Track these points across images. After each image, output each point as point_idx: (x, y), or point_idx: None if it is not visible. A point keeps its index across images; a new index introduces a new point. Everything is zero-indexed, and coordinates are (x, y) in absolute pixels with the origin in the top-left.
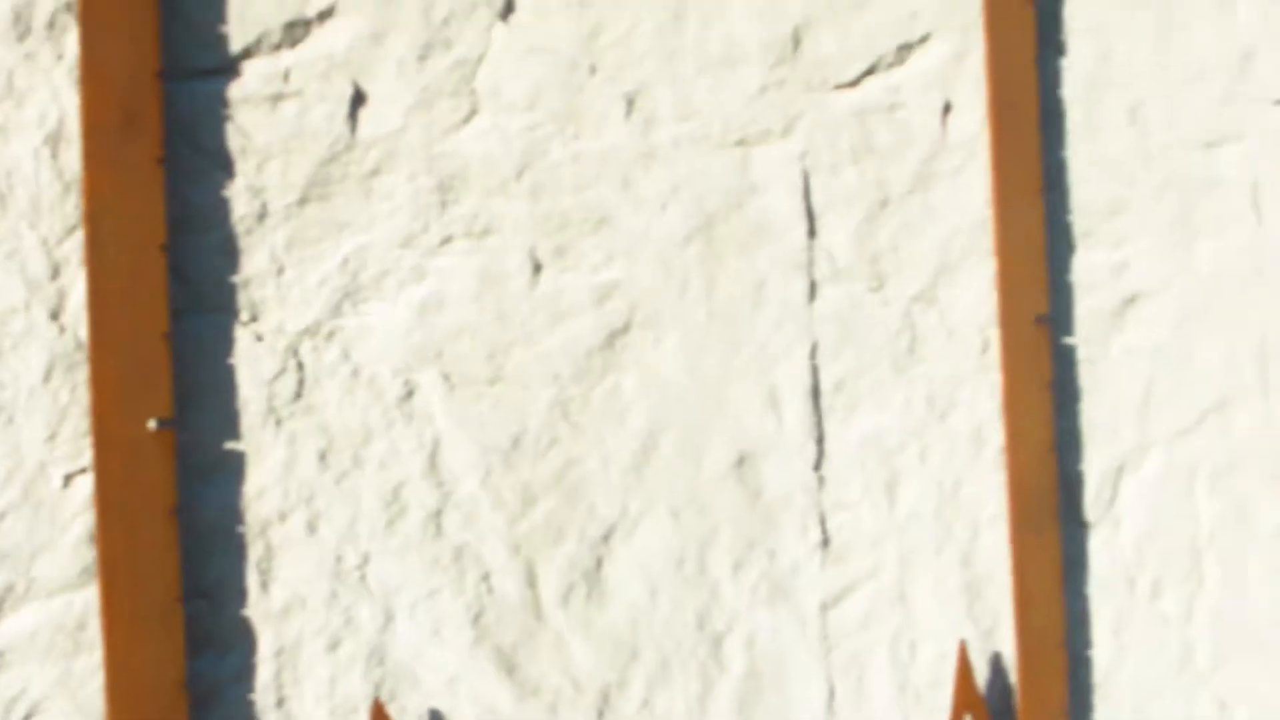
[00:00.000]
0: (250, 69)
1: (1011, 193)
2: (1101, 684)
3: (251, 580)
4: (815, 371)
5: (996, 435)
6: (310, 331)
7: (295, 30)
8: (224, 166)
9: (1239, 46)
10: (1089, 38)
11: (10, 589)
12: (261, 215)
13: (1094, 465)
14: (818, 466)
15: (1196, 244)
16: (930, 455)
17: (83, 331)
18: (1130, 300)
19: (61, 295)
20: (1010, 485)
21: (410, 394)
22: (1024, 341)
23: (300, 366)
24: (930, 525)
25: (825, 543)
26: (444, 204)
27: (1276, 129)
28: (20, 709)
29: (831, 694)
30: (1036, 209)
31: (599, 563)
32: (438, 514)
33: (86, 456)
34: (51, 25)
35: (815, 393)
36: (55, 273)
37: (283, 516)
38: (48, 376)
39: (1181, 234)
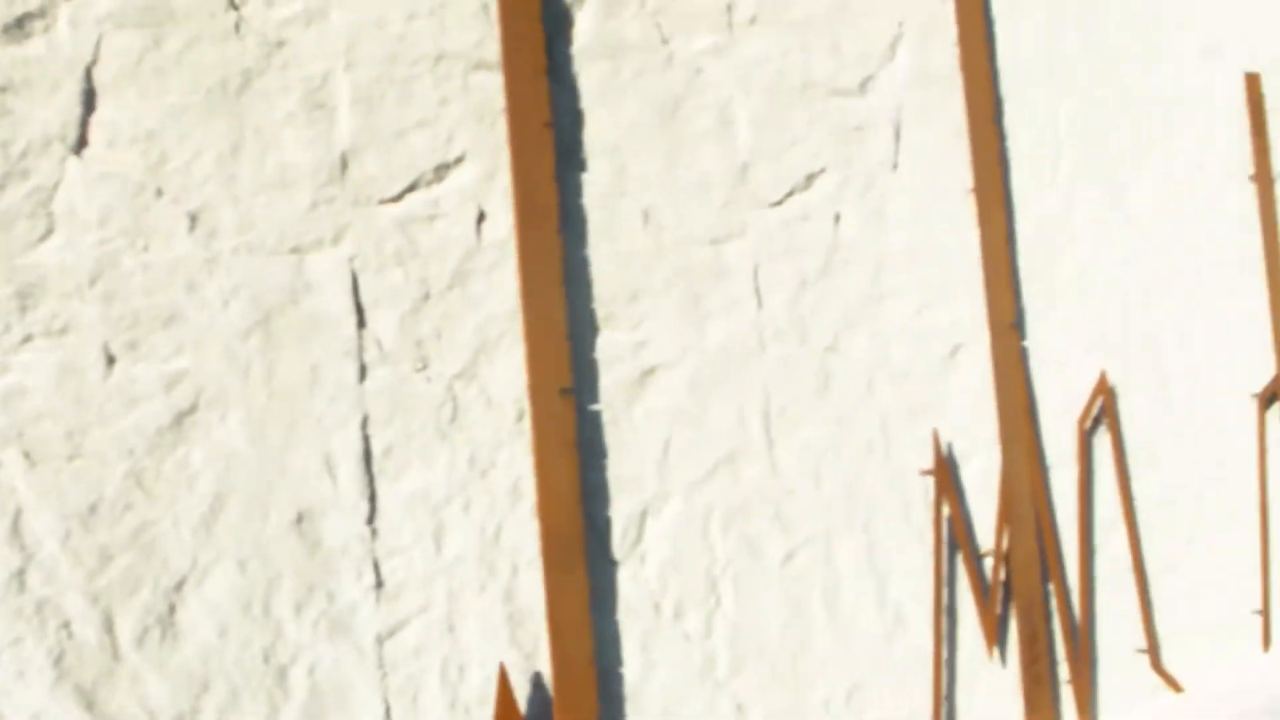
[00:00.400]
0: None
1: (536, 286)
2: (632, 694)
3: None
4: (367, 440)
5: (532, 489)
6: None
7: None
8: None
9: (739, 161)
10: (606, 157)
11: None
12: None
13: (621, 511)
14: (371, 520)
15: (707, 324)
16: (473, 507)
17: None
18: (649, 372)
19: None
20: (542, 531)
21: None
22: (551, 410)
23: None
24: (475, 567)
25: (379, 584)
26: (24, 309)
27: (773, 227)
28: None
29: (388, 712)
30: (559, 299)
31: (172, 608)
32: (21, 572)
33: None
34: None
35: (367, 458)
36: None
37: None
38: None
39: (693, 316)
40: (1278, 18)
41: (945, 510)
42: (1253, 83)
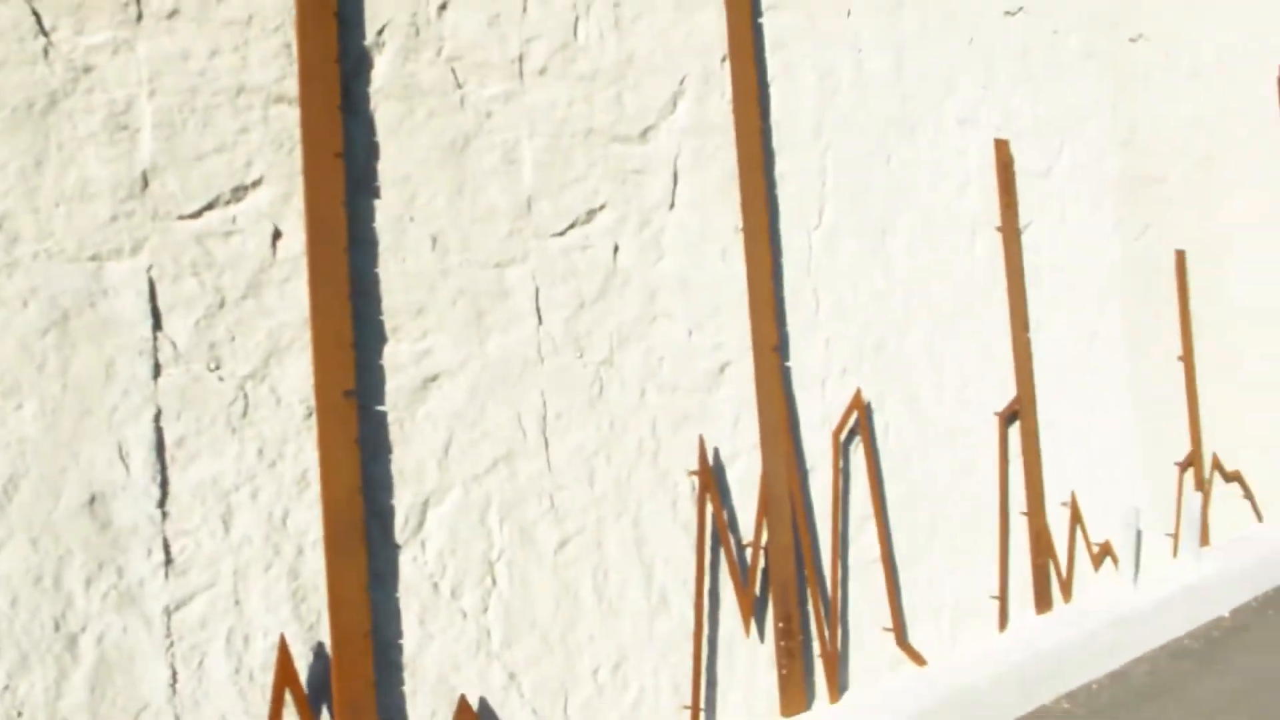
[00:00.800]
0: None
1: (324, 298)
2: (410, 663)
3: None
4: (159, 431)
5: (318, 479)
6: None
7: None
8: None
9: (523, 196)
10: (398, 186)
11: None
12: None
13: (403, 501)
14: (162, 504)
15: (488, 338)
16: (261, 494)
17: None
18: (432, 378)
19: None
20: (325, 516)
21: None
22: (335, 410)
23: None
24: (262, 547)
25: (169, 561)
26: None
27: (554, 254)
28: None
29: (174, 677)
30: (345, 311)
31: None
32: None
33: None
34: None
35: (160, 448)
36: None
37: None
38: None
39: (475, 330)
40: (1025, 92)
41: (710, 507)
42: (1001, 147)
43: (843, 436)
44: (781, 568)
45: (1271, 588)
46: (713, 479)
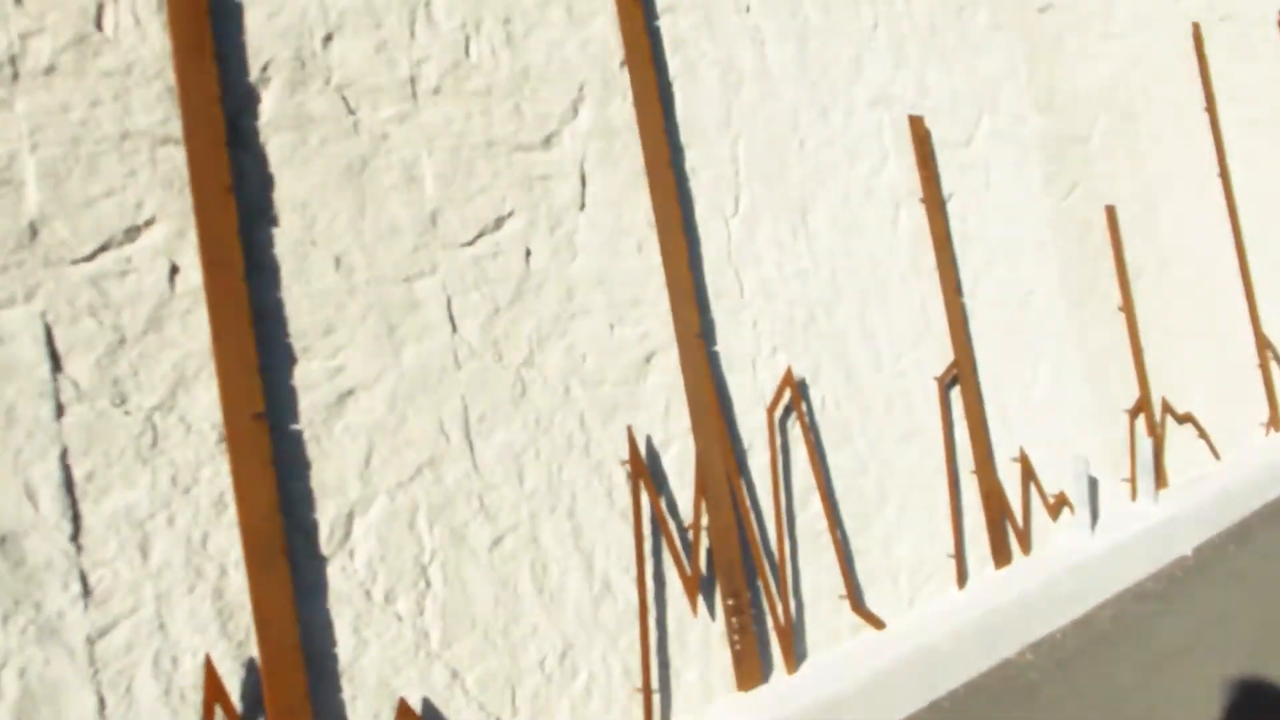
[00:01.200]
0: None
1: (225, 326)
2: (347, 670)
3: None
4: (67, 469)
5: (207, 496)
6: None
7: None
8: None
9: (427, 210)
10: (296, 213)
11: None
12: None
13: (327, 514)
14: (75, 538)
15: (402, 350)
16: (178, 519)
17: None
18: (348, 393)
19: None
20: (244, 536)
21: None
22: (246, 432)
23: None
24: (183, 570)
25: (87, 593)
26: None
27: (464, 263)
28: None
29: (102, 703)
30: (248, 336)
31: None
32: None
33: None
34: None
35: (69, 484)
36: None
37: None
38: None
39: (388, 343)
40: (938, 68)
41: (645, 494)
42: (916, 123)
43: (778, 414)
44: (725, 547)
45: (1233, 523)
46: (645, 466)
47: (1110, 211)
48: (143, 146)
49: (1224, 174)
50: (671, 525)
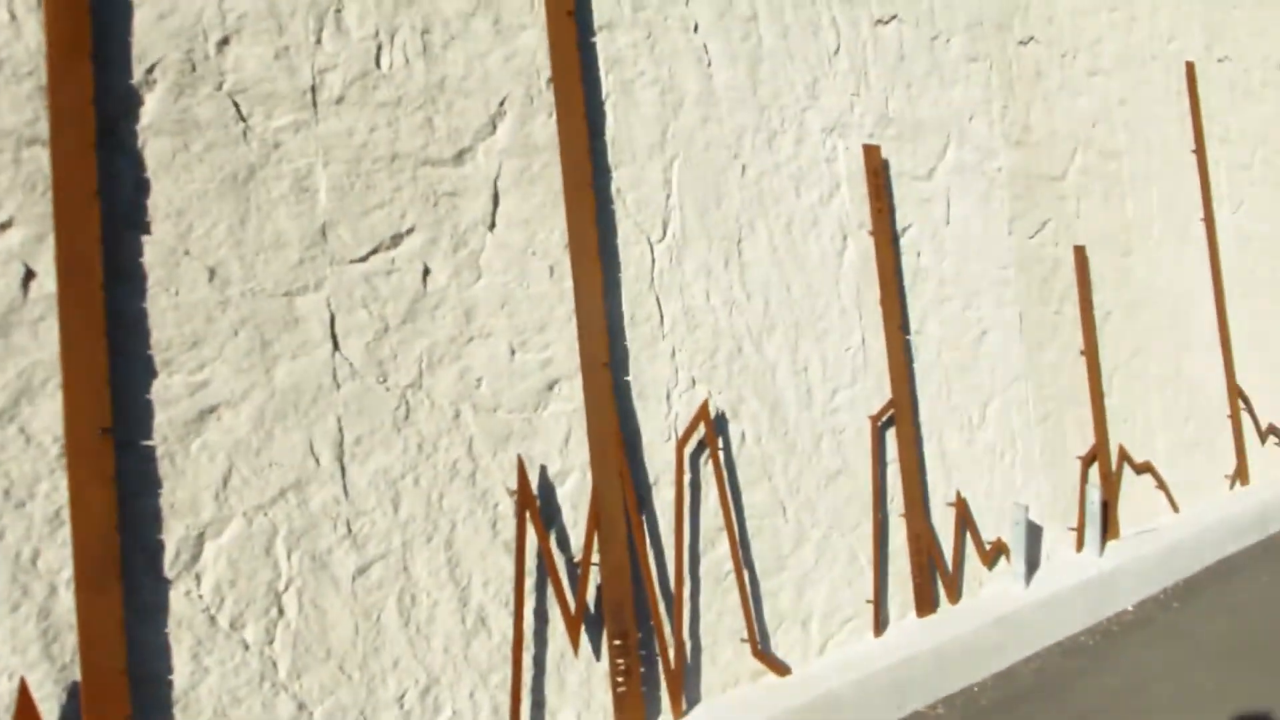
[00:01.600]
0: None
1: (76, 335)
2: (181, 697)
3: None
4: None
5: (42, 512)
6: None
7: None
8: None
9: (317, 223)
10: (170, 220)
11: None
12: None
13: (175, 534)
14: None
15: (275, 367)
16: (8, 534)
17: None
18: (210, 410)
19: None
20: (76, 554)
21: None
22: (89, 447)
23: None
24: (8, 588)
25: None
26: None
27: (353, 280)
28: None
29: None
30: (100, 347)
31: None
32: None
33: None
34: None
35: None
36: None
37: None
38: None
39: (260, 359)
40: (902, 97)
41: (531, 526)
42: (871, 153)
43: (689, 449)
44: (616, 585)
45: (1181, 578)
46: (533, 495)
47: (1079, 251)
48: (7, 146)
49: (1209, 218)
50: (560, 560)
